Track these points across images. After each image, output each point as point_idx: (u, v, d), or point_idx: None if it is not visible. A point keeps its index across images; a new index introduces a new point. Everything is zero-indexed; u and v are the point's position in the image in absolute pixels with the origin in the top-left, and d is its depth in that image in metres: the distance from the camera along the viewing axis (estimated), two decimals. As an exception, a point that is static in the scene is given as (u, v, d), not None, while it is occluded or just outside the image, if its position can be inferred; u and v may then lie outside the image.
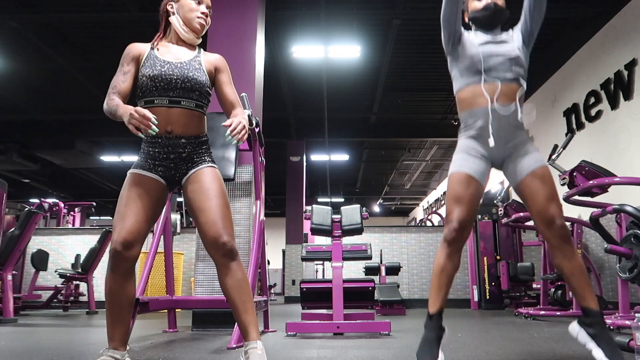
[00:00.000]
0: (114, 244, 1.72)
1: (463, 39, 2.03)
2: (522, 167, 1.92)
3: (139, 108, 1.67)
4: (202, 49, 2.03)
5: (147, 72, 1.83)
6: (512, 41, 2.01)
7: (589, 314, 1.81)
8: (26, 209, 5.14)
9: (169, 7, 1.97)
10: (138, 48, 1.90)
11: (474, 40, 2.02)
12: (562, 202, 2.00)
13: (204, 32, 2.00)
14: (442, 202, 14.94)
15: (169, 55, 1.90)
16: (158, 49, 1.91)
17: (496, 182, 9.37)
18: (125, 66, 1.88)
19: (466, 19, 2.11)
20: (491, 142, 1.92)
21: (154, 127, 1.66)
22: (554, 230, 1.85)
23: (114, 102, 1.79)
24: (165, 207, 2.80)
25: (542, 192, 1.87)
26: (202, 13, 1.96)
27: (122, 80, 1.86)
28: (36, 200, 10.45)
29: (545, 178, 1.90)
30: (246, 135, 1.80)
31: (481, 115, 1.94)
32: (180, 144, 1.83)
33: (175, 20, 1.94)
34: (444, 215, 12.11)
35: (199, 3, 1.97)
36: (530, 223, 5.78)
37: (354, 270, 7.16)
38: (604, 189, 3.65)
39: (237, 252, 1.80)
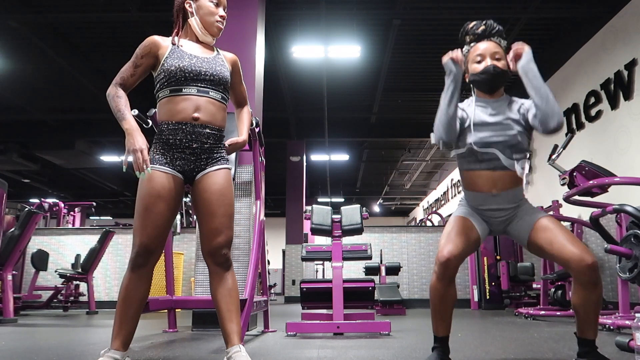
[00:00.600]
0: (136, 247, 1.76)
1: (462, 130, 1.97)
2: (523, 226, 1.90)
3: (144, 149, 1.70)
4: (217, 48, 2.05)
5: (176, 63, 1.84)
6: (514, 122, 1.90)
7: (583, 344, 1.80)
8: (26, 209, 5.14)
9: (187, 6, 1.96)
10: (159, 43, 1.89)
11: (472, 119, 1.94)
12: (562, 202, 1.98)
13: (220, 35, 2.02)
14: (442, 202, 14.94)
15: (194, 51, 1.92)
16: (181, 46, 1.92)
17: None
18: (139, 58, 1.87)
19: (467, 80, 2.03)
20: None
21: (145, 172, 1.69)
22: (586, 273, 1.69)
23: (121, 103, 1.79)
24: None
25: (557, 239, 1.77)
26: (221, 16, 1.97)
27: (131, 73, 1.87)
28: (36, 200, 10.43)
29: (552, 225, 1.83)
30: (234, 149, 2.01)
31: (481, 200, 1.94)
32: (204, 134, 1.84)
33: (194, 22, 1.95)
34: (444, 215, 12.16)
35: (217, 5, 1.97)
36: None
37: (354, 270, 7.15)
38: (604, 189, 3.65)
39: (231, 262, 1.87)
